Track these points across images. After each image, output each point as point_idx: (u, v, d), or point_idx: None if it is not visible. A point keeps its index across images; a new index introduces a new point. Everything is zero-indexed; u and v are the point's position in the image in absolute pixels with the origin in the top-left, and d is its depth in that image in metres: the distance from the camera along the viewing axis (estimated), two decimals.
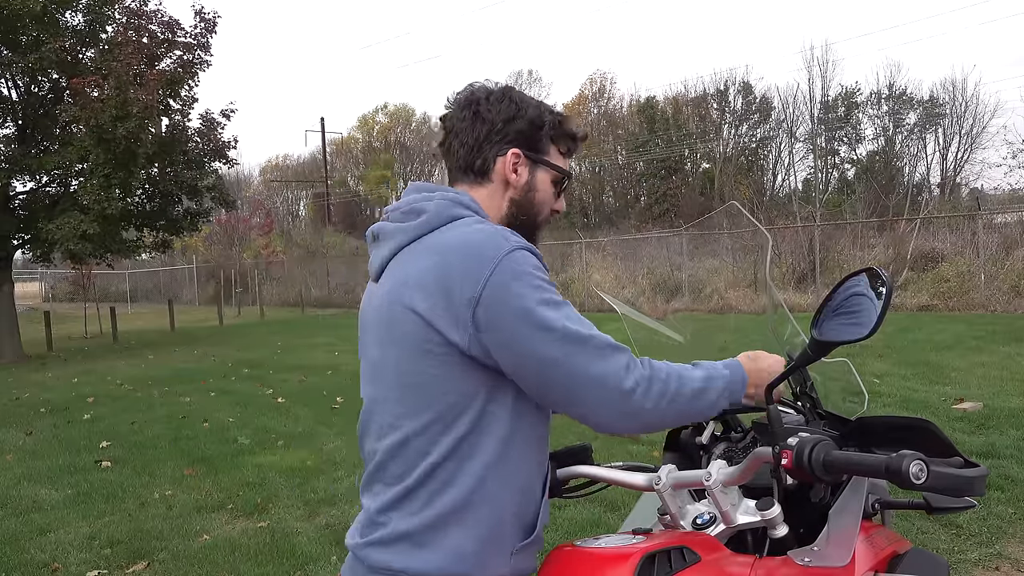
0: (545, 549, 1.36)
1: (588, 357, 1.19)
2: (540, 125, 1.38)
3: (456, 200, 1.32)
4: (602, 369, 1.19)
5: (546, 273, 1.25)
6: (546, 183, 1.40)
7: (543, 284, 1.21)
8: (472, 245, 1.22)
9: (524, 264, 1.21)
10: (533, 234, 1.39)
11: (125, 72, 13.18)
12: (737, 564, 1.24)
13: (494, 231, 1.25)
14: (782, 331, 1.70)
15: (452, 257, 1.22)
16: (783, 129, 38.42)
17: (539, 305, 1.18)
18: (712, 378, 1.28)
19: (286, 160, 58.94)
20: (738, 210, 2.18)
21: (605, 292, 1.74)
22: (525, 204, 1.38)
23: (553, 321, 1.18)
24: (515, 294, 1.18)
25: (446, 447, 1.22)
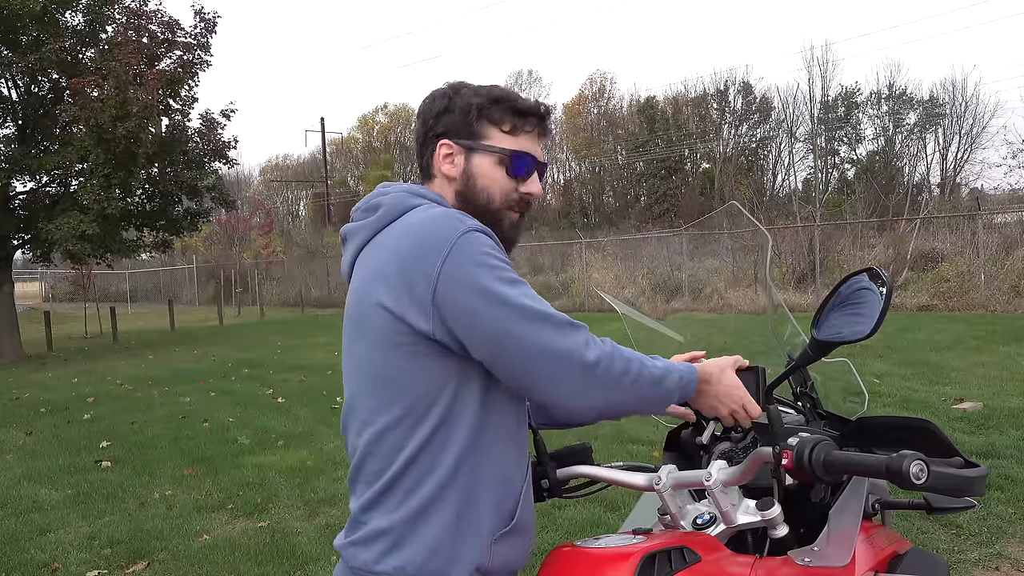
0: (545, 549, 1.36)
1: (549, 332, 1.17)
2: (467, 110, 1.34)
3: (413, 191, 1.33)
4: (563, 343, 1.17)
5: (502, 253, 1.24)
6: (487, 167, 1.34)
7: (499, 263, 1.21)
8: (426, 230, 1.22)
9: (478, 244, 1.20)
10: (497, 223, 1.34)
11: (125, 72, 13.19)
12: (737, 564, 1.24)
13: (447, 214, 1.24)
14: (782, 331, 1.70)
15: (407, 244, 1.23)
16: (783, 129, 38.44)
17: (496, 283, 1.18)
18: (670, 369, 1.27)
19: (286, 160, 58.95)
20: (738, 210, 2.18)
21: (605, 292, 1.74)
22: (468, 193, 1.35)
23: (512, 297, 1.18)
24: (471, 273, 1.18)
25: (420, 440, 1.22)
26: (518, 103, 1.36)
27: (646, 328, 1.80)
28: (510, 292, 1.18)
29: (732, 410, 1.34)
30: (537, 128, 1.38)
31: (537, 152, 1.39)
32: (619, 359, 1.20)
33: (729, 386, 1.34)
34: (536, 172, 1.38)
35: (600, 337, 1.23)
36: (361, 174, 52.48)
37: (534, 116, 1.37)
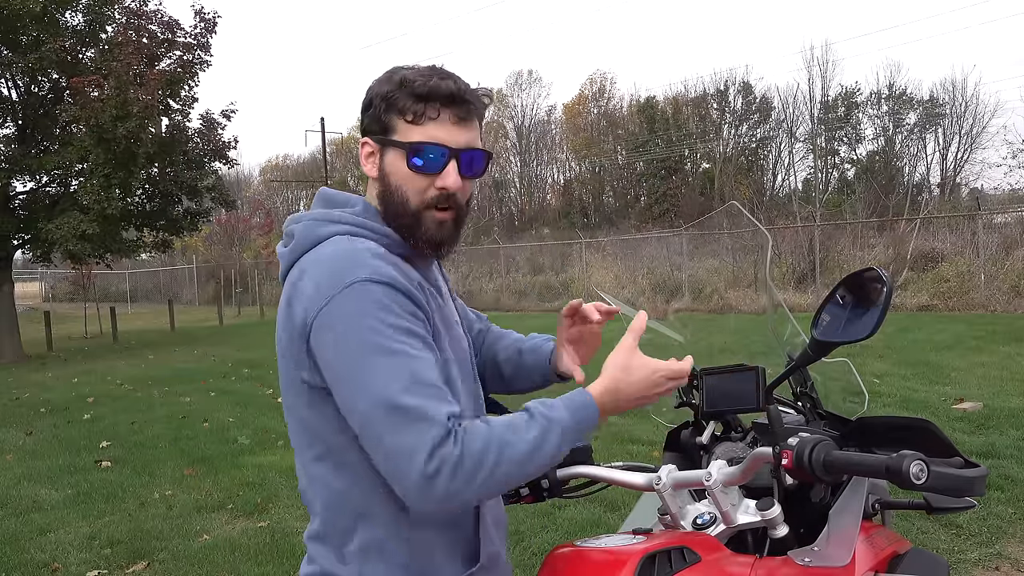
0: (545, 549, 1.36)
1: (392, 425, 1.05)
2: (375, 102, 1.21)
3: (325, 218, 1.21)
4: (403, 444, 1.04)
5: (396, 309, 1.10)
6: (397, 164, 1.19)
7: (378, 325, 1.07)
8: (319, 272, 1.13)
9: (364, 300, 1.08)
10: (417, 226, 1.20)
11: (125, 72, 13.20)
12: (737, 564, 1.24)
13: (348, 256, 1.13)
14: (782, 331, 1.70)
15: (301, 284, 1.14)
16: (783, 129, 38.47)
17: (363, 351, 1.06)
18: (548, 432, 1.10)
19: (286, 160, 58.95)
20: (738, 210, 2.18)
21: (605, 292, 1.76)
22: (386, 195, 1.21)
23: (370, 375, 1.06)
24: (341, 331, 1.08)
25: (347, 480, 1.16)
26: (415, 86, 1.17)
27: (646, 328, 1.79)
28: (371, 364, 1.06)
29: (658, 393, 1.20)
30: (449, 112, 1.18)
31: (453, 139, 1.18)
32: (467, 461, 1.04)
33: (642, 379, 1.18)
34: (454, 162, 1.18)
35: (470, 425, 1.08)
36: (361, 174, 52.46)
37: (436, 100, 1.17)
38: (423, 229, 1.20)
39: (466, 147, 1.20)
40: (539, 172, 48.41)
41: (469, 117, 1.20)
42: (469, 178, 1.22)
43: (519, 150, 47.98)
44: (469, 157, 1.20)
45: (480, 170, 1.23)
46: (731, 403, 1.52)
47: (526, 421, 1.11)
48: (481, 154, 1.22)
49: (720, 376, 1.53)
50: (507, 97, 48.91)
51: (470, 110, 1.20)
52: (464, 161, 1.20)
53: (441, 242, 1.22)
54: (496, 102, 49.80)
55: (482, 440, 1.07)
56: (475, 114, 1.21)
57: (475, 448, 1.06)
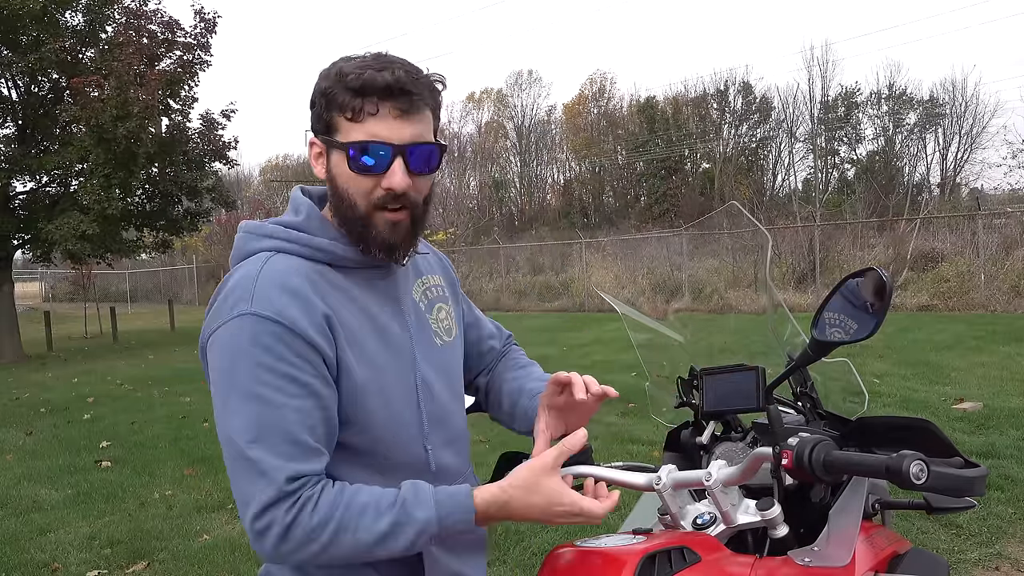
0: (545, 549, 1.36)
1: (236, 470, 1.05)
2: (316, 100, 1.12)
3: (257, 231, 1.17)
4: (241, 492, 1.04)
5: (283, 346, 1.04)
6: (340, 164, 1.11)
7: (250, 364, 1.03)
8: (225, 293, 1.11)
9: (244, 335, 1.05)
10: (368, 229, 1.13)
11: (125, 72, 13.19)
12: (737, 564, 1.24)
13: (248, 283, 1.08)
14: (782, 331, 1.70)
15: (214, 300, 1.13)
16: (783, 129, 38.47)
17: (230, 388, 1.05)
18: (403, 527, 1.05)
19: (286, 160, 58.94)
20: (738, 210, 2.18)
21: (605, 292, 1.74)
22: (335, 198, 1.15)
23: (227, 415, 1.05)
24: (219, 363, 1.07)
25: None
26: (349, 80, 1.08)
27: (646, 328, 1.80)
28: (233, 403, 1.04)
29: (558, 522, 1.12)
30: (389, 105, 1.08)
31: (396, 135, 1.09)
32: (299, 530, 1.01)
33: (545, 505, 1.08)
34: (400, 159, 1.09)
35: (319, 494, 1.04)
36: None
37: (373, 93, 1.07)
38: (374, 233, 1.12)
39: (412, 142, 1.10)
40: (539, 172, 48.41)
41: (413, 109, 1.10)
42: (421, 175, 1.13)
43: (519, 150, 47.98)
44: (417, 152, 1.11)
45: (432, 165, 1.14)
46: (731, 403, 1.52)
47: (386, 507, 1.05)
48: (430, 148, 1.12)
49: (720, 376, 1.53)
50: (507, 97, 48.92)
51: (413, 101, 1.09)
52: (412, 157, 1.10)
53: (394, 245, 1.14)
54: (496, 102, 49.81)
55: (321, 516, 1.03)
56: (422, 104, 1.11)
57: (310, 522, 1.02)
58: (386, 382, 1.17)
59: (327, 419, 1.09)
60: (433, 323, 1.29)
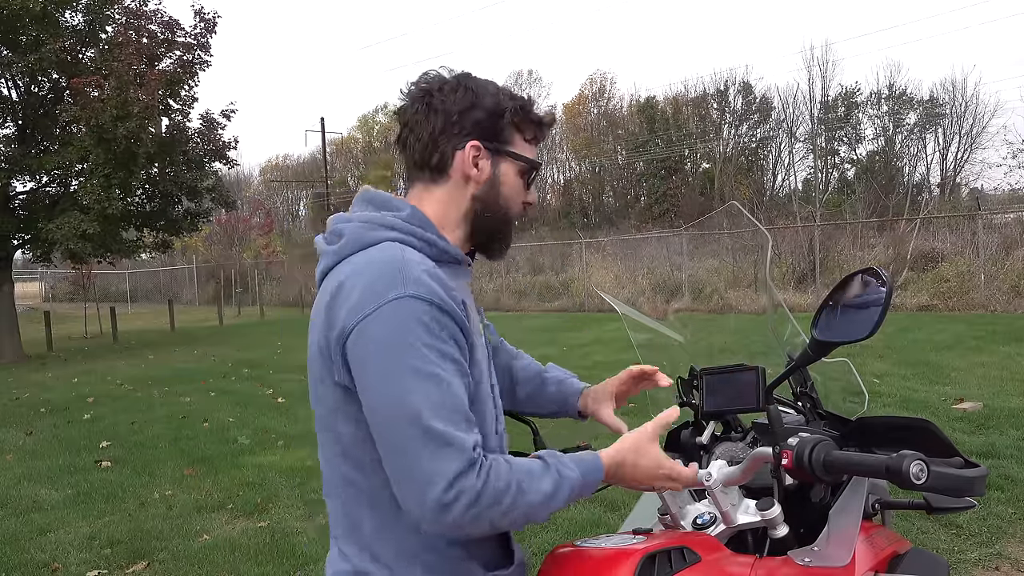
0: (545, 549, 1.36)
1: (418, 448, 1.06)
2: (500, 113, 1.25)
3: (377, 222, 1.22)
4: (425, 468, 1.05)
5: (436, 330, 1.10)
6: (512, 175, 1.29)
7: (418, 344, 1.08)
8: (367, 279, 1.13)
9: (406, 316, 1.09)
10: (503, 231, 1.31)
11: (125, 72, 13.19)
12: (737, 564, 1.24)
13: (396, 268, 1.12)
14: (782, 331, 1.70)
15: (349, 286, 1.14)
16: (783, 129, 38.47)
17: (399, 369, 1.07)
18: (560, 487, 1.14)
19: (286, 160, 58.99)
20: (738, 210, 2.18)
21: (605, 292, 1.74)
22: (490, 200, 1.27)
23: (402, 394, 1.07)
24: (381, 346, 1.08)
25: (379, 479, 1.15)
26: (536, 112, 1.32)
27: (646, 328, 1.80)
28: (404, 386, 1.07)
29: (655, 488, 1.27)
30: (544, 138, 1.37)
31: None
32: (486, 498, 1.07)
33: (648, 468, 1.23)
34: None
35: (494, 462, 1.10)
36: (361, 174, 52.48)
37: (549, 128, 1.35)
38: (509, 234, 1.34)
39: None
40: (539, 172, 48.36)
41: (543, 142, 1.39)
42: None
43: None
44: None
45: None
46: (731, 403, 1.52)
47: (541, 471, 1.14)
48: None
49: (720, 376, 1.53)
50: None
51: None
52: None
53: (509, 244, 1.36)
54: None
55: (504, 480, 1.09)
56: None
57: (497, 486, 1.08)
58: (484, 362, 1.26)
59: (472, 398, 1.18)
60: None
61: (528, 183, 1.32)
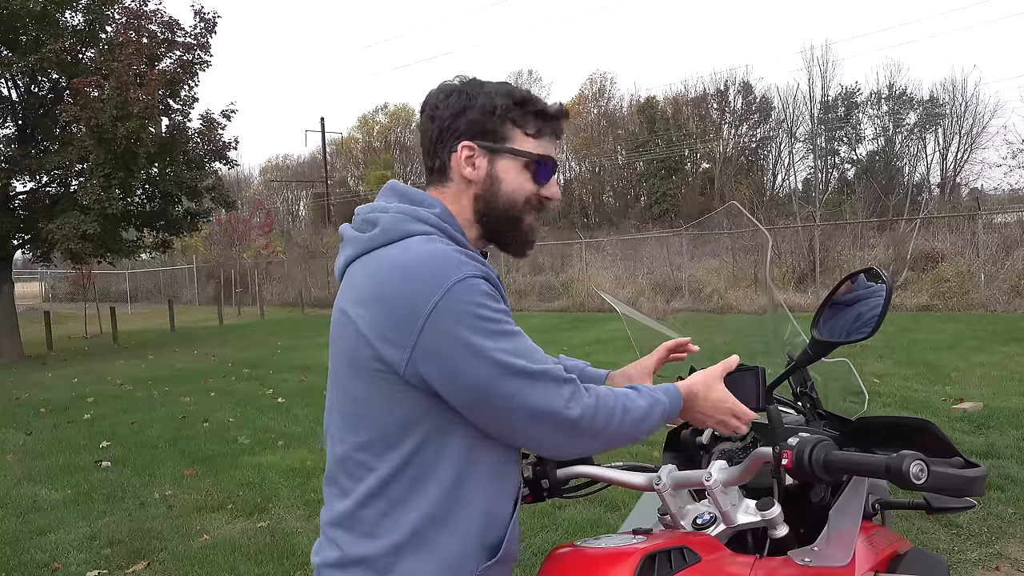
0: (545, 549, 1.36)
1: (532, 391, 1.16)
2: (492, 111, 1.28)
3: (412, 215, 1.26)
4: (546, 403, 1.16)
5: (498, 300, 1.20)
6: (512, 171, 1.30)
7: (492, 315, 1.16)
8: (421, 267, 1.17)
9: (473, 293, 1.16)
10: (512, 228, 1.33)
11: (125, 72, 13.19)
12: (737, 564, 1.24)
13: (446, 255, 1.19)
14: (782, 331, 1.70)
15: (400, 276, 1.18)
16: (783, 129, 38.48)
17: (483, 336, 1.15)
18: (653, 405, 1.26)
19: (286, 160, 59.00)
20: (738, 210, 2.18)
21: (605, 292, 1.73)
22: (490, 198, 1.30)
23: (497, 353, 1.15)
24: (459, 323, 1.14)
25: (391, 467, 1.19)
26: (540, 105, 1.33)
27: (646, 328, 1.80)
28: (496, 347, 1.15)
29: (720, 421, 1.34)
30: (553, 130, 1.35)
31: (556, 156, 1.37)
32: (603, 411, 1.20)
33: (716, 401, 1.33)
34: (557, 175, 1.37)
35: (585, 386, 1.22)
36: (361, 174, 52.49)
37: (556, 120, 1.35)
38: (522, 231, 1.34)
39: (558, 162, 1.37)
40: None
41: (560, 136, 1.38)
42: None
43: None
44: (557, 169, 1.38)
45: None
46: None
47: (636, 394, 1.26)
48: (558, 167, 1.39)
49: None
50: None
51: (563, 130, 1.37)
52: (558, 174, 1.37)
53: (531, 241, 1.36)
54: None
55: (609, 396, 1.22)
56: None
57: (607, 401, 1.21)
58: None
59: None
60: None
61: (544, 178, 1.33)
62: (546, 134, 1.33)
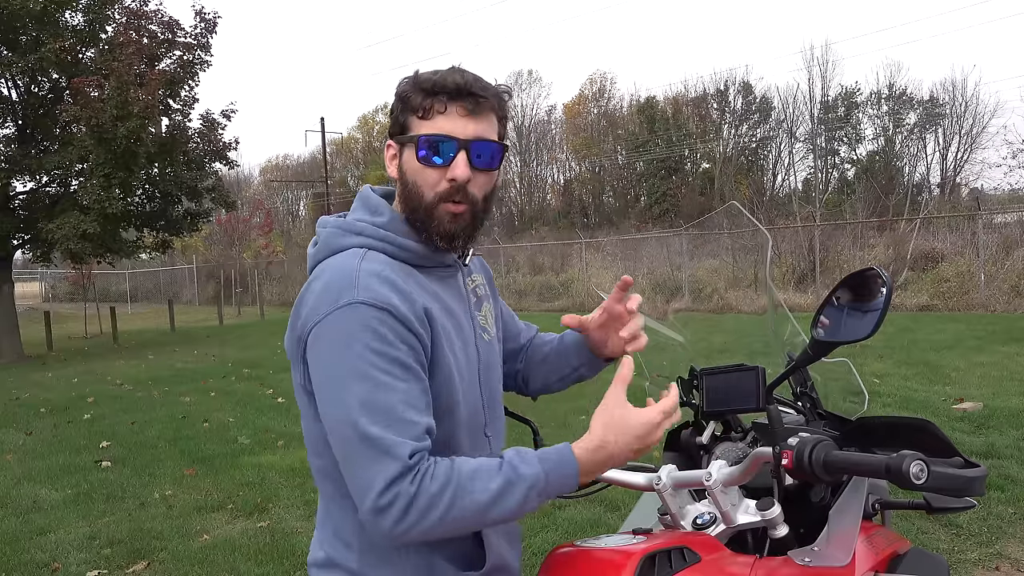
0: (545, 549, 1.36)
1: (357, 453, 1.07)
2: (398, 103, 1.22)
3: (348, 228, 1.22)
4: (362, 473, 1.07)
5: (388, 335, 1.10)
6: (411, 161, 1.20)
7: (361, 350, 1.08)
8: (324, 287, 1.14)
9: (350, 322, 1.09)
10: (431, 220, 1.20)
11: (125, 72, 13.19)
12: (737, 564, 1.24)
13: (348, 275, 1.13)
14: (782, 331, 1.70)
15: (306, 295, 1.17)
16: (783, 129, 38.50)
17: (346, 372, 1.08)
18: (513, 485, 1.09)
19: (286, 160, 59.03)
20: (738, 210, 2.18)
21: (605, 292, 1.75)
22: (406, 193, 1.22)
23: (346, 397, 1.08)
24: (329, 351, 1.11)
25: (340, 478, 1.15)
26: (421, 81, 1.19)
27: (646, 328, 1.79)
28: (350, 387, 1.08)
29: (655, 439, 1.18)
30: (457, 105, 1.18)
31: (462, 131, 1.18)
32: (422, 499, 1.05)
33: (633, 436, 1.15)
34: (464, 153, 1.18)
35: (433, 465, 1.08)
36: (361, 174, 52.49)
37: (443, 93, 1.18)
38: (436, 222, 1.20)
39: (475, 138, 1.18)
40: (539, 172, 48.43)
41: (479, 110, 1.19)
42: (481, 170, 1.20)
43: (519, 150, 47.99)
44: (479, 148, 1.19)
45: (494, 163, 1.22)
46: (731, 403, 1.52)
47: (495, 470, 1.10)
48: (493, 146, 1.21)
49: (720, 376, 1.53)
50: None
51: (479, 102, 1.19)
52: (474, 152, 1.18)
53: (455, 235, 1.21)
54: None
55: (440, 483, 1.07)
56: (487, 107, 1.20)
57: (431, 488, 1.06)
58: (463, 370, 1.25)
59: (428, 403, 1.15)
60: (482, 319, 1.37)
61: (431, 160, 1.18)
62: (437, 111, 1.18)
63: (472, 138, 1.18)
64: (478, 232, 1.26)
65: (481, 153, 1.19)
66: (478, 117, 1.19)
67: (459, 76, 1.18)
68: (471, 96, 1.18)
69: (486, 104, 1.20)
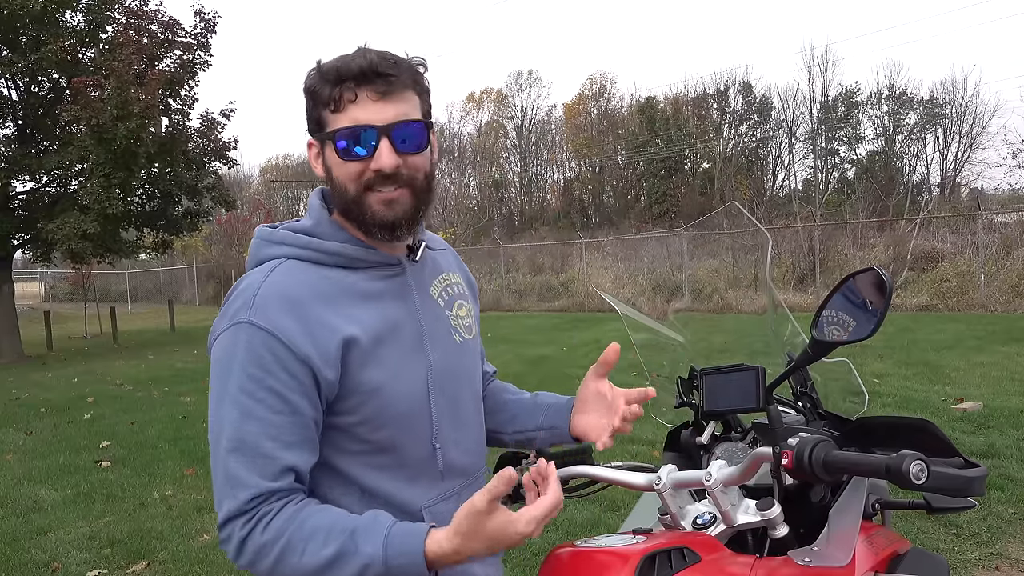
0: (545, 549, 1.35)
1: (216, 473, 1.09)
2: (307, 99, 1.15)
3: (268, 239, 1.19)
4: (216, 494, 1.09)
5: (272, 359, 1.06)
6: (333, 157, 1.13)
7: (241, 375, 1.07)
8: (230, 300, 1.14)
9: (239, 344, 1.08)
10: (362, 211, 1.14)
11: (125, 72, 13.19)
12: (737, 564, 1.24)
13: (251, 293, 1.11)
14: (782, 331, 1.70)
15: (223, 306, 1.17)
16: (783, 129, 38.51)
17: (221, 394, 1.09)
18: (348, 557, 1.02)
19: (286, 160, 58.99)
20: (738, 210, 2.18)
21: (605, 292, 1.73)
22: (333, 191, 1.17)
23: (218, 417, 1.09)
24: (215, 368, 1.11)
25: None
26: (323, 71, 1.11)
27: (646, 328, 1.79)
28: (222, 409, 1.08)
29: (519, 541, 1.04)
30: (367, 90, 1.10)
31: (379, 117, 1.10)
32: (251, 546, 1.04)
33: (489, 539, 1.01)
34: (386, 140, 1.10)
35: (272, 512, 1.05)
36: None
37: (350, 80, 1.09)
38: (368, 214, 1.13)
39: (395, 121, 1.11)
40: (539, 172, 48.43)
41: (393, 91, 1.10)
42: (409, 153, 1.13)
43: (519, 150, 48.02)
44: (401, 131, 1.11)
45: (421, 142, 1.14)
46: (731, 403, 1.51)
47: (337, 534, 1.03)
48: (416, 125, 1.13)
49: (720, 376, 1.53)
50: (507, 97, 48.92)
51: (391, 83, 1.10)
52: (396, 138, 1.11)
53: (394, 223, 1.14)
54: (496, 102, 49.78)
55: (271, 534, 1.04)
56: (401, 86, 1.12)
57: (260, 539, 1.05)
58: (399, 380, 1.17)
59: (307, 438, 1.10)
60: (453, 319, 1.30)
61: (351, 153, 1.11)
62: (347, 101, 1.10)
63: (392, 122, 1.10)
64: (421, 215, 1.18)
65: (405, 137, 1.12)
66: (393, 98, 1.11)
67: (363, 58, 1.09)
68: (381, 77, 1.09)
69: (399, 83, 1.11)
